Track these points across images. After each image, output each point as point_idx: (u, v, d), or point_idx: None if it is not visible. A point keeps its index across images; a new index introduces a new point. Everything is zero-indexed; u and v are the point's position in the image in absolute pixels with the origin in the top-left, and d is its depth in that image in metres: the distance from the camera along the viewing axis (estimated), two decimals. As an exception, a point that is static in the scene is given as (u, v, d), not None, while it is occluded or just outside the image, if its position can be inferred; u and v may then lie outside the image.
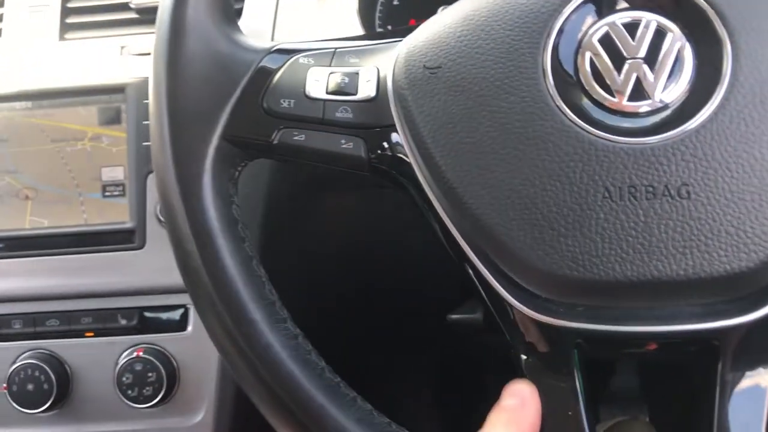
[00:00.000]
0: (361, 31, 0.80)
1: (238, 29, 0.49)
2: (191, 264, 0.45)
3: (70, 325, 0.76)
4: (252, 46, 0.48)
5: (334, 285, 0.85)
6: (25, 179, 0.77)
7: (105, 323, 0.76)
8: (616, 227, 0.39)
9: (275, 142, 0.46)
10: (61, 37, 0.79)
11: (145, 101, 0.75)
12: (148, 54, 0.79)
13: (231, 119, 0.46)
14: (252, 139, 0.46)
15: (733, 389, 0.40)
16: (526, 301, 0.42)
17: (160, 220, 0.74)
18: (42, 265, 0.76)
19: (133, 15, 0.79)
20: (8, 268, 0.76)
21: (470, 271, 0.44)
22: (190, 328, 0.76)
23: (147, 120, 0.77)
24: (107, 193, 0.76)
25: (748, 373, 0.40)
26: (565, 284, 0.41)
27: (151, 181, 0.75)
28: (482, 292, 0.44)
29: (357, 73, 0.46)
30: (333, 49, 0.48)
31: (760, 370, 0.41)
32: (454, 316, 0.82)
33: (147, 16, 0.79)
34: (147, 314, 0.76)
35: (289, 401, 0.43)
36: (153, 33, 0.80)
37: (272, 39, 0.75)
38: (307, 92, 0.46)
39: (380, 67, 0.46)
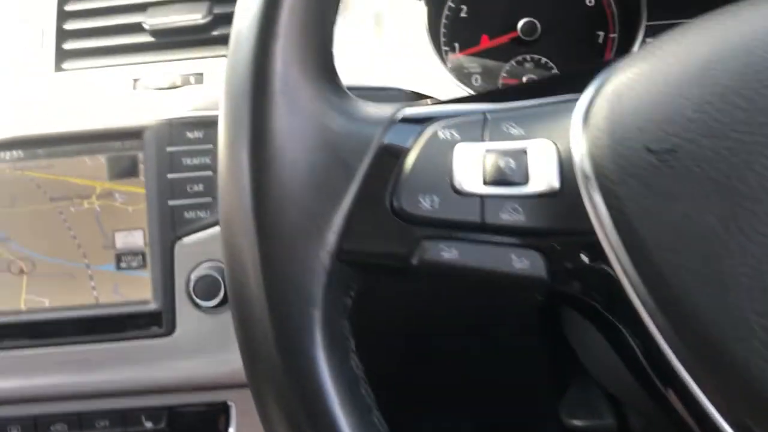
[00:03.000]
0: (431, 53, 0.65)
1: (340, 89, 0.34)
2: None
3: (82, 431, 0.61)
4: (365, 114, 0.33)
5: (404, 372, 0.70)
6: (19, 248, 0.61)
7: (126, 427, 0.61)
8: None
9: (415, 261, 0.31)
10: (58, 68, 0.64)
11: (169, 148, 0.60)
12: (169, 88, 0.65)
13: (347, 230, 0.31)
14: (379, 259, 0.32)
15: None
16: None
17: (193, 300, 0.59)
18: (43, 357, 0.60)
19: (147, 38, 0.64)
20: (1, 363, 0.60)
21: (670, 394, 0.31)
22: (231, 430, 0.61)
23: (172, 171, 0.64)
24: (123, 265, 0.61)
25: None
26: None
27: (181, 250, 0.60)
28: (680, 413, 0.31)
29: (524, 152, 0.32)
30: (482, 113, 0.33)
31: None
32: (580, 423, 0.68)
33: (165, 39, 0.63)
34: (178, 415, 0.61)
35: None
36: (174, 61, 0.66)
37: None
38: (456, 184, 0.31)
39: (558, 141, 0.32)
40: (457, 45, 0.70)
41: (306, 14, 0.32)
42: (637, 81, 0.31)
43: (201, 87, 0.61)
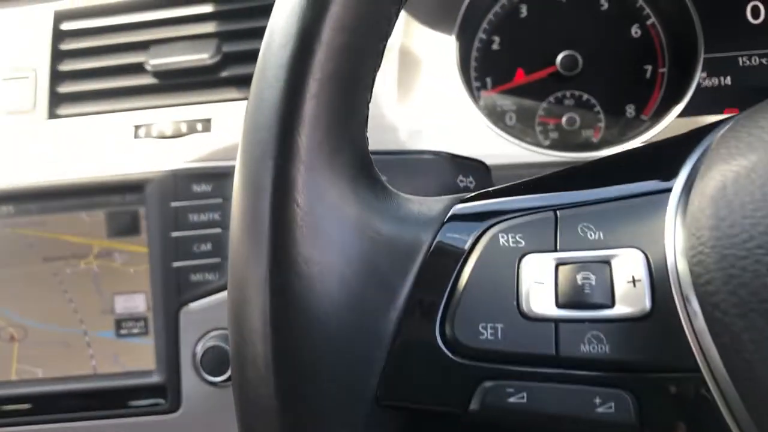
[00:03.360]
0: (462, 91, 0.59)
1: (377, 183, 0.28)
2: None
3: None
4: (409, 215, 0.27)
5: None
6: (9, 313, 0.56)
7: None
8: None
9: (475, 407, 0.25)
10: (52, 114, 0.58)
11: (174, 203, 0.54)
12: (173, 137, 0.59)
13: (389, 369, 0.25)
14: (430, 405, 0.25)
15: None
16: None
17: (199, 373, 0.53)
18: (36, 435, 0.55)
19: (149, 80, 0.58)
20: (-11, 441, 0.55)
21: None
22: None
23: (176, 229, 0.58)
24: (123, 332, 0.55)
25: None
26: None
27: (186, 316, 0.54)
28: None
29: (608, 264, 0.26)
30: (551, 211, 0.27)
31: None
32: None
33: (169, 81, 0.57)
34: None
35: None
36: (179, 106, 0.60)
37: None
38: (523, 306, 0.25)
39: (648, 250, 0.26)
40: (489, 80, 0.64)
41: (334, 98, 0.26)
42: (746, 176, 0.25)
43: (209, 135, 0.55)
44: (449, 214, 0.27)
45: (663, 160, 0.29)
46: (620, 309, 0.25)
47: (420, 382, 0.25)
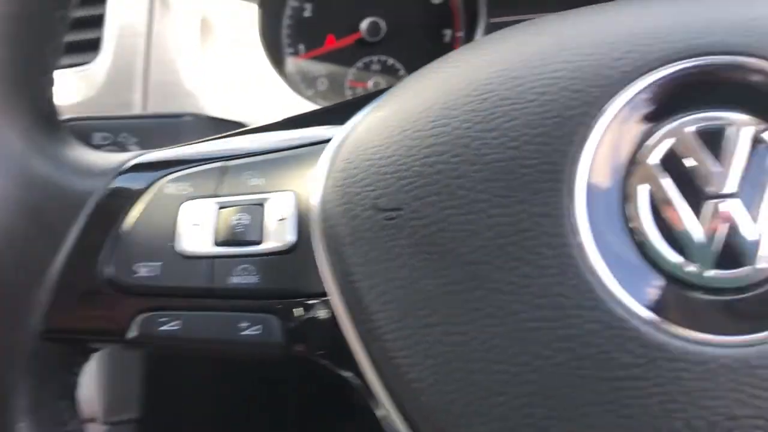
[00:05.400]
0: (264, 60, 0.61)
1: (54, 129, 0.31)
2: None
3: None
4: (83, 165, 0.30)
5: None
6: None
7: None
8: None
9: (133, 335, 0.28)
10: None
11: None
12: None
13: (53, 306, 0.28)
14: (92, 336, 0.28)
15: None
16: None
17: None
18: None
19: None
20: None
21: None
22: None
23: None
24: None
25: None
26: None
27: None
28: None
29: (261, 205, 0.29)
30: (223, 160, 0.30)
31: None
32: None
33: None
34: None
35: None
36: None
37: (144, 106, 0.55)
38: (179, 246, 0.28)
39: (300, 191, 0.29)
40: (302, 47, 0.66)
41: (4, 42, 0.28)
42: (376, 125, 0.28)
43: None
44: (127, 165, 0.30)
45: (341, 114, 0.32)
46: (268, 244, 0.28)
47: (82, 317, 0.28)
